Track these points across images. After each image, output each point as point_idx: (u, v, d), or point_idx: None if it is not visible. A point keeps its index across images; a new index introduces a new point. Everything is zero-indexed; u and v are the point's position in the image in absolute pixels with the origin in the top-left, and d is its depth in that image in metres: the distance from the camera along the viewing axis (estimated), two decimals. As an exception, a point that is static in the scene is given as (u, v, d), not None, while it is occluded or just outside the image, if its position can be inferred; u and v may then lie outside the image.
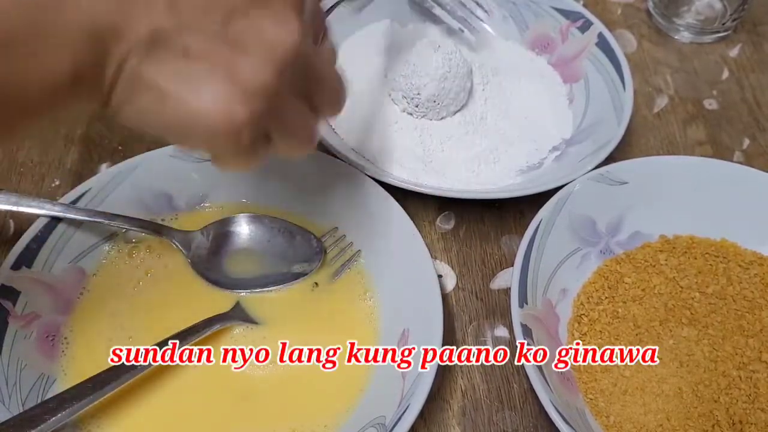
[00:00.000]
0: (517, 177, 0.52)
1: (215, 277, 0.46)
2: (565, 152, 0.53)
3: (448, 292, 0.48)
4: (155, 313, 0.44)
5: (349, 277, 0.47)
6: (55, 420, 0.37)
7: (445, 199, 0.51)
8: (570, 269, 0.46)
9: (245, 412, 0.41)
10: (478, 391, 0.44)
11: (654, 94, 0.60)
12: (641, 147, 0.56)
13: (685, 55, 0.63)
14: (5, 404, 0.39)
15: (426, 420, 0.43)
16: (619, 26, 0.65)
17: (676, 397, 0.42)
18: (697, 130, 0.58)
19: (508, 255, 0.50)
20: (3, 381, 0.40)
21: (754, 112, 0.59)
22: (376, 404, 0.41)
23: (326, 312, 0.45)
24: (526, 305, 0.42)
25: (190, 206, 0.49)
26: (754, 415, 0.41)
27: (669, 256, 0.48)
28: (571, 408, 0.40)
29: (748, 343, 0.44)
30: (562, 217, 0.46)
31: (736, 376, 0.42)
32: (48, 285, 0.44)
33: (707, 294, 0.46)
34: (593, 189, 0.47)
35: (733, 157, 0.56)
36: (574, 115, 0.56)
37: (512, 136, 0.54)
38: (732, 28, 0.64)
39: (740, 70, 0.62)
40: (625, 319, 0.45)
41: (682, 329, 0.44)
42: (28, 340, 0.42)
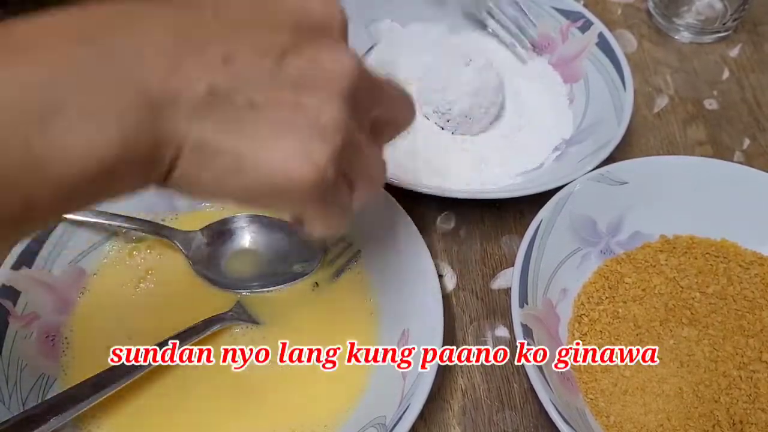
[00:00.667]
0: (517, 177, 0.52)
1: (215, 277, 0.46)
2: (565, 152, 0.53)
3: (448, 292, 0.48)
4: (155, 313, 0.44)
5: (349, 277, 0.47)
6: (55, 420, 0.37)
7: (445, 200, 0.51)
8: (570, 269, 0.46)
9: (245, 412, 0.41)
10: (479, 391, 0.44)
11: (654, 94, 0.60)
12: (641, 147, 0.56)
13: (685, 55, 0.63)
14: (5, 404, 0.39)
15: (426, 420, 0.43)
16: (619, 26, 0.65)
17: (676, 397, 0.42)
18: (697, 130, 0.58)
19: (508, 255, 0.50)
20: (3, 381, 0.40)
21: (754, 112, 0.59)
22: (376, 404, 0.41)
23: (326, 312, 0.45)
24: (527, 305, 0.42)
25: (190, 206, 0.49)
26: (755, 415, 0.41)
27: (669, 256, 0.48)
28: (571, 408, 0.40)
29: (748, 343, 0.44)
30: (563, 217, 0.46)
31: (737, 376, 0.42)
32: (48, 285, 0.44)
33: (707, 294, 0.46)
34: (593, 189, 0.47)
35: (733, 157, 0.56)
36: (574, 115, 0.56)
37: (513, 136, 0.54)
38: (732, 28, 0.64)
39: (740, 70, 0.62)
40: (625, 319, 0.45)
41: (683, 329, 0.44)
42: (28, 340, 0.42)
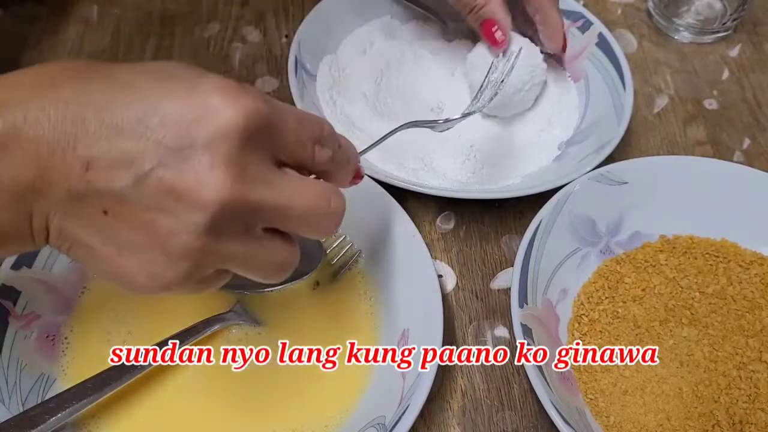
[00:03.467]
0: (517, 177, 0.52)
1: (215, 277, 0.46)
2: (565, 152, 0.53)
3: (448, 292, 0.48)
4: (155, 313, 0.44)
5: (350, 277, 0.47)
6: (55, 420, 0.37)
7: (445, 199, 0.51)
8: (570, 269, 0.46)
9: (245, 412, 0.41)
10: (478, 391, 0.44)
11: (654, 94, 0.60)
12: (641, 147, 0.56)
13: (685, 55, 0.63)
14: (5, 404, 0.39)
15: (426, 420, 0.43)
16: (619, 26, 0.65)
17: (676, 397, 0.42)
18: (697, 130, 0.58)
19: (508, 255, 0.50)
20: (3, 381, 0.40)
21: (754, 112, 0.59)
22: (376, 404, 0.41)
23: (326, 312, 0.45)
24: (526, 305, 0.42)
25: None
26: (754, 415, 0.41)
27: (669, 256, 0.48)
28: (571, 408, 0.40)
29: (748, 343, 0.44)
30: (562, 217, 0.46)
31: (736, 376, 0.42)
32: (48, 285, 0.44)
33: (707, 294, 0.46)
34: (593, 189, 0.47)
35: (733, 157, 0.56)
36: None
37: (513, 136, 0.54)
38: (732, 28, 0.64)
39: (740, 70, 0.62)
40: (625, 319, 0.45)
41: (682, 329, 0.44)
42: (28, 340, 0.42)
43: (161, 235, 0.27)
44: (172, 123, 0.27)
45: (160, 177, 0.27)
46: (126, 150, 0.27)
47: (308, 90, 0.54)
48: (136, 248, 0.28)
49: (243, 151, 0.28)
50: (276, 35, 0.63)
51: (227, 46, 0.62)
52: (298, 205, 0.30)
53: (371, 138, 0.53)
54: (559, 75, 0.58)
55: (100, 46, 0.61)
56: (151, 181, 0.27)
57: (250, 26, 0.63)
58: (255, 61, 0.61)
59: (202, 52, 0.61)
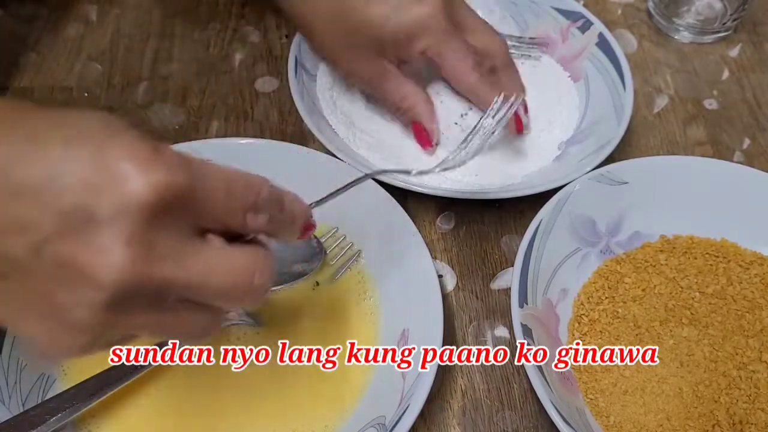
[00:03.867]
0: (517, 177, 0.52)
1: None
2: (565, 152, 0.53)
3: (448, 292, 0.48)
4: (155, 313, 0.44)
5: (350, 277, 0.47)
6: (55, 420, 0.37)
7: (445, 199, 0.51)
8: (570, 269, 0.46)
9: (245, 412, 0.41)
10: (478, 391, 0.44)
11: (654, 94, 0.60)
12: (641, 147, 0.56)
13: (685, 55, 0.63)
14: (5, 404, 0.39)
15: (426, 420, 0.43)
16: (619, 26, 0.65)
17: (676, 397, 0.42)
18: (697, 130, 0.58)
19: (508, 255, 0.50)
20: (3, 381, 0.40)
21: (754, 112, 0.59)
22: (376, 404, 0.41)
23: (326, 312, 0.45)
24: (526, 305, 0.42)
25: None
26: (755, 415, 0.41)
27: (669, 256, 0.48)
28: (571, 408, 0.40)
29: (748, 343, 0.44)
30: (562, 217, 0.46)
31: (737, 376, 0.42)
32: (48, 285, 0.44)
33: (707, 294, 0.46)
34: (593, 189, 0.47)
35: (733, 157, 0.56)
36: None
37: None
38: (732, 28, 0.64)
39: (740, 70, 0.62)
40: (625, 319, 0.45)
41: (683, 329, 0.44)
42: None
43: (59, 307, 0.26)
44: (74, 190, 0.25)
45: (57, 249, 0.25)
46: (22, 215, 0.25)
47: (308, 90, 0.54)
48: (37, 316, 0.26)
49: (149, 227, 0.25)
50: (276, 35, 0.63)
51: (227, 46, 0.62)
52: (213, 283, 0.27)
53: (371, 138, 0.53)
54: (559, 75, 0.58)
55: (100, 46, 0.61)
56: (48, 252, 0.25)
57: (250, 26, 0.63)
58: (255, 61, 0.61)
59: (202, 52, 0.61)
